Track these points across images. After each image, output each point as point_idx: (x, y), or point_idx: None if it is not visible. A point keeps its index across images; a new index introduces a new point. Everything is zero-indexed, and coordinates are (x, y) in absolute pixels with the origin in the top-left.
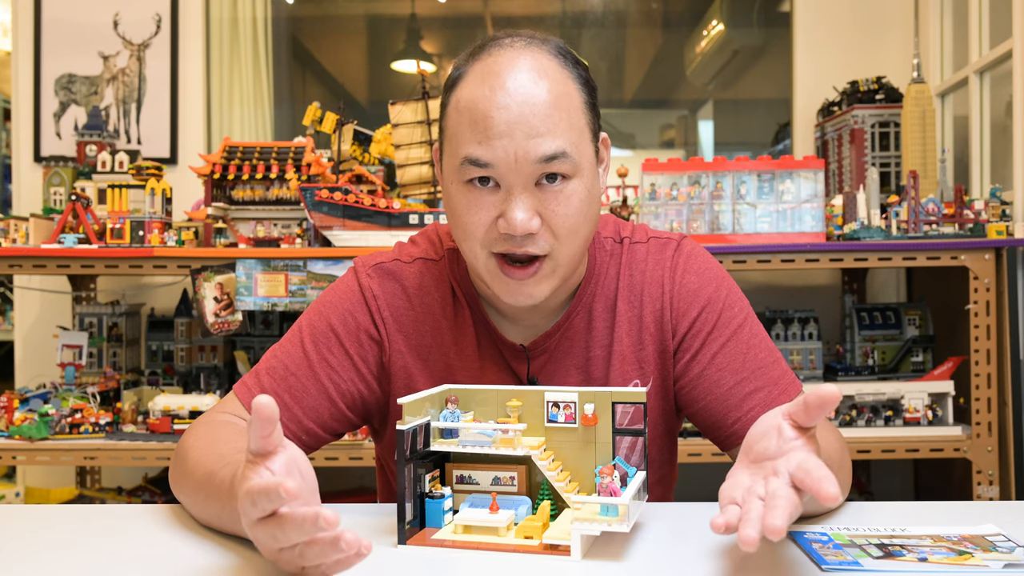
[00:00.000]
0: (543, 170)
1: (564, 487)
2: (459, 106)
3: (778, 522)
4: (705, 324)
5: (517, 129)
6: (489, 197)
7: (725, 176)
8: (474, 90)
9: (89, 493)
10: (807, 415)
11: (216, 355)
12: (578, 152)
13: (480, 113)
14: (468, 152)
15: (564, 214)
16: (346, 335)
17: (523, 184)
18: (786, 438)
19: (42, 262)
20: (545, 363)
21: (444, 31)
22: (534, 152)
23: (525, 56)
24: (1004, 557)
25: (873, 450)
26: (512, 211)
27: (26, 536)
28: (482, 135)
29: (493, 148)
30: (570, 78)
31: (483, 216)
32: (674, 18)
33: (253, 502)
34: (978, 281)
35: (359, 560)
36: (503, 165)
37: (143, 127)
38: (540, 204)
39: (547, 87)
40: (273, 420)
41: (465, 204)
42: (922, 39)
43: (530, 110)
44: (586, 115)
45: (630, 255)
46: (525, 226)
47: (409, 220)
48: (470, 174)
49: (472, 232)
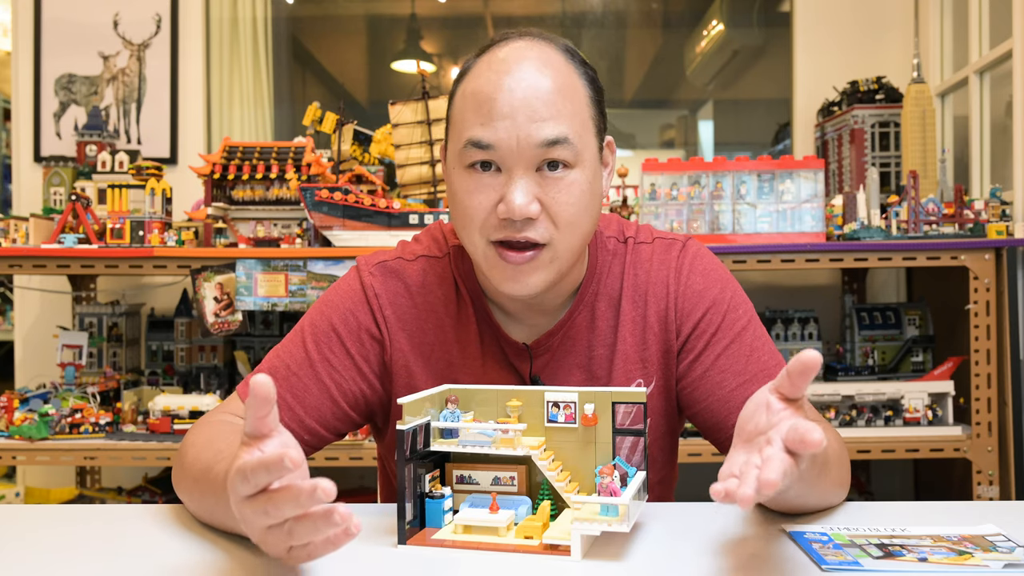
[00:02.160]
0: (544, 155)
1: (564, 487)
2: (465, 94)
3: (772, 475)
4: (709, 325)
5: (520, 112)
6: (490, 180)
7: (725, 176)
8: (480, 76)
9: (89, 493)
10: (792, 385)
11: (216, 355)
12: (580, 141)
13: (484, 96)
14: (471, 134)
15: (564, 202)
16: (347, 334)
17: (524, 168)
18: (774, 410)
19: (42, 262)
20: (548, 362)
21: (444, 31)
22: (536, 135)
23: (533, 48)
24: (1004, 557)
25: (873, 450)
26: (512, 194)
27: (26, 536)
28: (485, 117)
29: (495, 129)
30: (576, 73)
31: (483, 200)
32: (674, 18)
33: (245, 478)
34: (978, 281)
35: (348, 540)
36: (504, 147)
37: (143, 127)
38: (540, 190)
39: (552, 76)
40: (270, 400)
41: (466, 189)
42: (922, 39)
43: (534, 94)
44: (591, 110)
45: (635, 255)
46: (524, 210)
47: (409, 220)
48: (472, 157)
49: (472, 217)
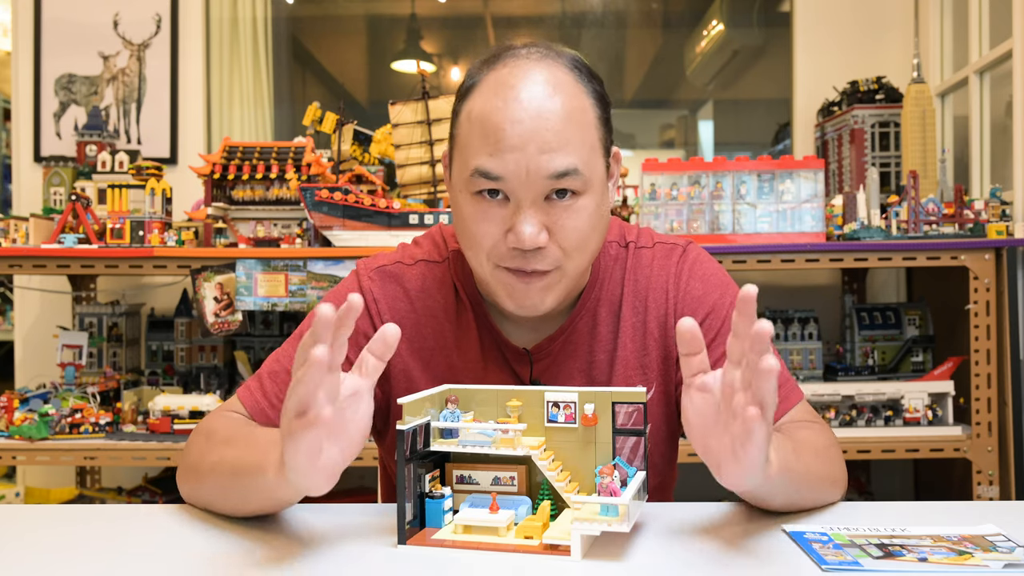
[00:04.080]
0: (553, 186)
1: (564, 487)
2: (471, 116)
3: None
4: (709, 331)
5: (530, 143)
6: (498, 210)
7: (725, 176)
8: (487, 101)
9: (89, 493)
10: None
11: (216, 355)
12: (589, 169)
13: (492, 125)
14: (479, 164)
15: (573, 228)
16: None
17: (533, 199)
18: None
19: (42, 262)
20: (548, 366)
21: (444, 31)
22: (546, 167)
23: (540, 68)
24: (1004, 557)
25: (873, 450)
26: (521, 225)
27: (26, 536)
28: (493, 147)
29: (504, 161)
30: (584, 93)
31: (491, 229)
32: (674, 18)
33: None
34: (978, 281)
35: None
36: (514, 179)
37: (143, 127)
38: (549, 219)
39: (561, 102)
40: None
41: (473, 215)
42: (922, 39)
43: (543, 124)
44: (599, 130)
45: (635, 260)
46: (534, 240)
47: (409, 220)
48: (480, 186)
49: (480, 243)
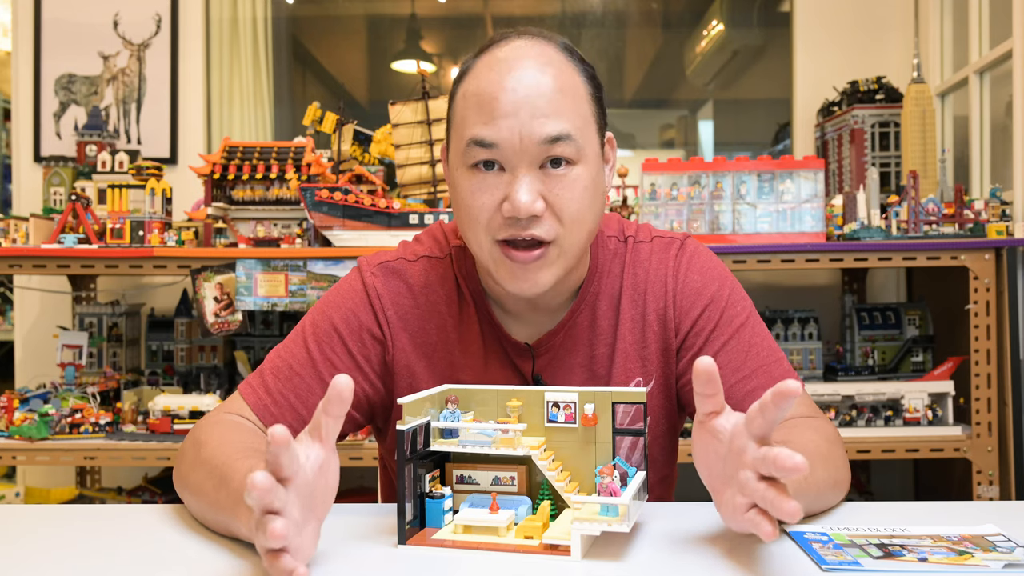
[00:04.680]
0: (548, 152)
1: (564, 487)
2: (467, 94)
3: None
4: (708, 322)
5: (522, 109)
6: (494, 180)
7: (725, 176)
8: (481, 77)
9: (89, 493)
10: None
11: (216, 355)
12: (582, 137)
13: (486, 96)
14: (474, 133)
15: (568, 198)
16: (349, 334)
17: (528, 165)
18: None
19: (42, 262)
20: (549, 361)
21: (444, 31)
22: (539, 132)
23: (533, 47)
24: (1004, 557)
25: (873, 450)
26: (517, 192)
27: (26, 536)
28: (488, 116)
29: (498, 128)
30: (576, 71)
31: (488, 199)
32: (674, 18)
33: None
34: (978, 281)
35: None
36: (508, 145)
37: (143, 127)
38: (545, 188)
39: (553, 74)
40: (344, 400)
41: (470, 188)
42: (922, 39)
43: (536, 91)
44: (591, 106)
45: (634, 254)
46: (529, 207)
47: (409, 220)
48: (475, 156)
49: (477, 217)
